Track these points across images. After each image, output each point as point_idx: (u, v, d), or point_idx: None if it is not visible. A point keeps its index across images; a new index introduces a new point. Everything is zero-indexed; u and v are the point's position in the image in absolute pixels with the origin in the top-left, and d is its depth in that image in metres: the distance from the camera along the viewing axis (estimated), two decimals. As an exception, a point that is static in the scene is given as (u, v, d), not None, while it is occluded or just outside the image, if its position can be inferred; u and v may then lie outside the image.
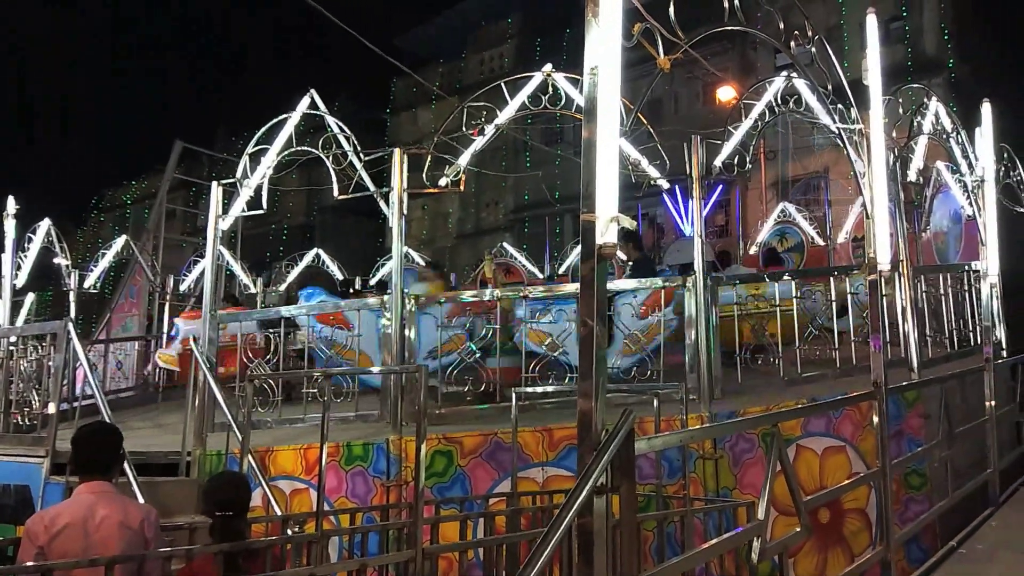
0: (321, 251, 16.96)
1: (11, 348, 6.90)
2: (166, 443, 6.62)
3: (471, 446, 5.90)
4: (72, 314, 10.46)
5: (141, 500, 4.34)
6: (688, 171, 6.26)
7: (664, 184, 6.69)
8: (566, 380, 6.48)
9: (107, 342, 11.74)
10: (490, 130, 6.72)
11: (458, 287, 13.73)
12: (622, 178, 2.90)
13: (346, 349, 6.94)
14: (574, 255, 17.07)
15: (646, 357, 6.50)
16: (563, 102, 6.89)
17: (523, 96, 6.70)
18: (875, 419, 3.91)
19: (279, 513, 5.23)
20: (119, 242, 12.84)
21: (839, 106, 4.28)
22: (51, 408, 5.71)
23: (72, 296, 11.23)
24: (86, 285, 11.90)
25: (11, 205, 9.03)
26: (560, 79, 6.76)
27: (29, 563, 2.87)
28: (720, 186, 20.87)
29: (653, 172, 6.52)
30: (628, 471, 2.18)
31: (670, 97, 23.74)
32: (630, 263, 8.55)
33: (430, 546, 3.51)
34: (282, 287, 16.01)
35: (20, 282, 9.69)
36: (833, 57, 4.03)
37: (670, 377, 6.23)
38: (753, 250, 14.90)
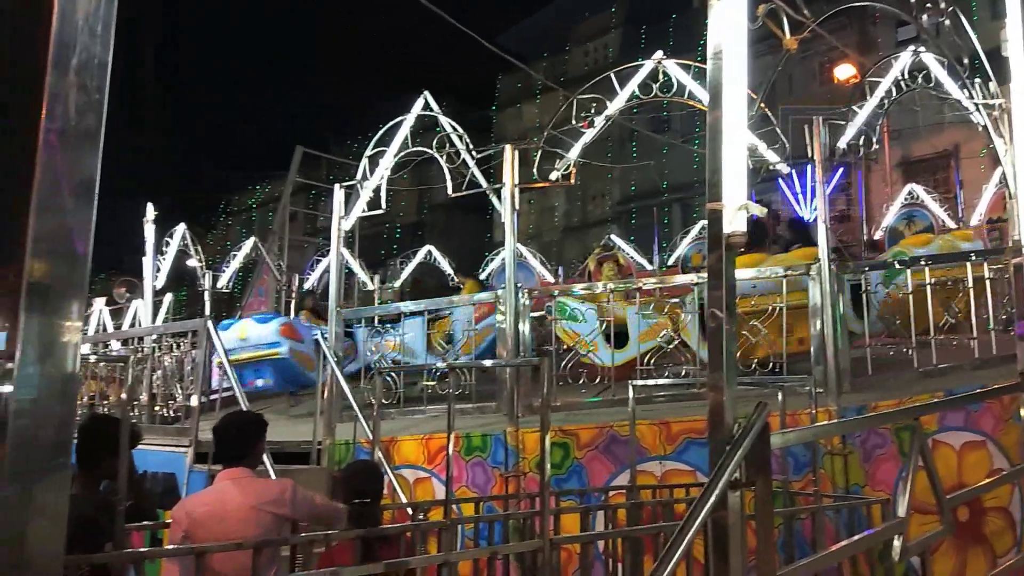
0: (433, 248, 17.35)
1: (155, 345, 7.44)
2: (297, 433, 6.97)
3: (587, 439, 5.91)
4: (207, 312, 11.16)
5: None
6: (809, 154, 6.02)
7: (784, 169, 6.46)
8: (682, 373, 6.39)
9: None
10: (600, 121, 6.69)
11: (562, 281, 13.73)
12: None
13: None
14: (683, 245, 16.72)
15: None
16: (674, 89, 6.78)
17: (633, 85, 6.63)
18: (1022, 412, 3.66)
19: (404, 501, 5.42)
20: (248, 244, 13.58)
21: (975, 80, 4.01)
22: (193, 401, 6.12)
23: (206, 296, 11.98)
24: (219, 285, 12.66)
25: (150, 212, 9.73)
26: (671, 66, 6.65)
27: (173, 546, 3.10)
28: (841, 168, 19.92)
29: (772, 157, 6.31)
30: (763, 466, 2.13)
31: (784, 77, 22.84)
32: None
33: (555, 536, 3.54)
34: (397, 283, 16.49)
35: (160, 283, 10.42)
36: (968, 27, 3.78)
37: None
38: (878, 234, 14.15)
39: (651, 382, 6.09)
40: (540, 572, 3.33)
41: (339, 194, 7.06)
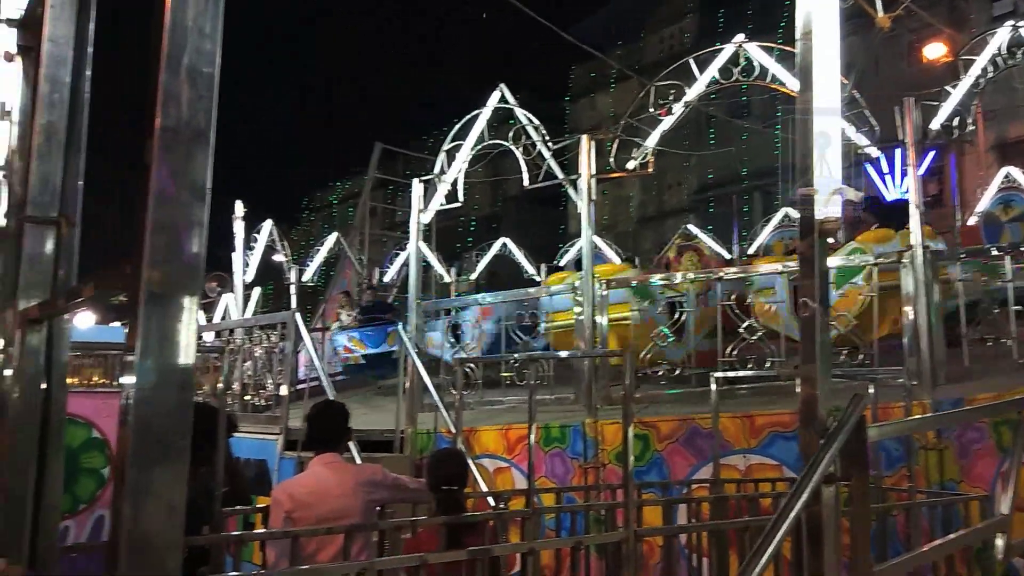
0: (508, 240, 17.42)
1: (246, 337, 7.73)
2: (380, 422, 7.13)
3: (668, 431, 5.84)
4: (293, 305, 11.52)
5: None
6: (900, 136, 5.77)
7: (873, 152, 6.21)
8: (766, 364, 6.23)
9: (323, 330, 12.81)
10: (679, 108, 6.57)
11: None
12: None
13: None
14: (765, 234, 16.29)
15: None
16: (756, 73, 6.60)
17: (713, 70, 6.48)
18: None
19: (484, 490, 5.48)
20: (331, 239, 13.94)
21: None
22: (283, 390, 6.34)
23: (292, 289, 12.36)
24: (304, 279, 13.04)
25: (239, 209, 10.11)
26: (753, 49, 6.47)
27: (277, 528, 3.22)
28: (933, 151, 18.99)
29: (861, 140, 6.07)
30: (859, 460, 2.06)
31: (870, 57, 21.92)
32: None
33: (639, 528, 3.52)
34: (472, 276, 16.64)
35: (249, 278, 10.81)
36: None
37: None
38: (972, 220, 13.45)
39: (733, 374, 5.97)
40: (624, 563, 3.32)
41: (418, 188, 7.15)
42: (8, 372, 2.13)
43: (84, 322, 10.67)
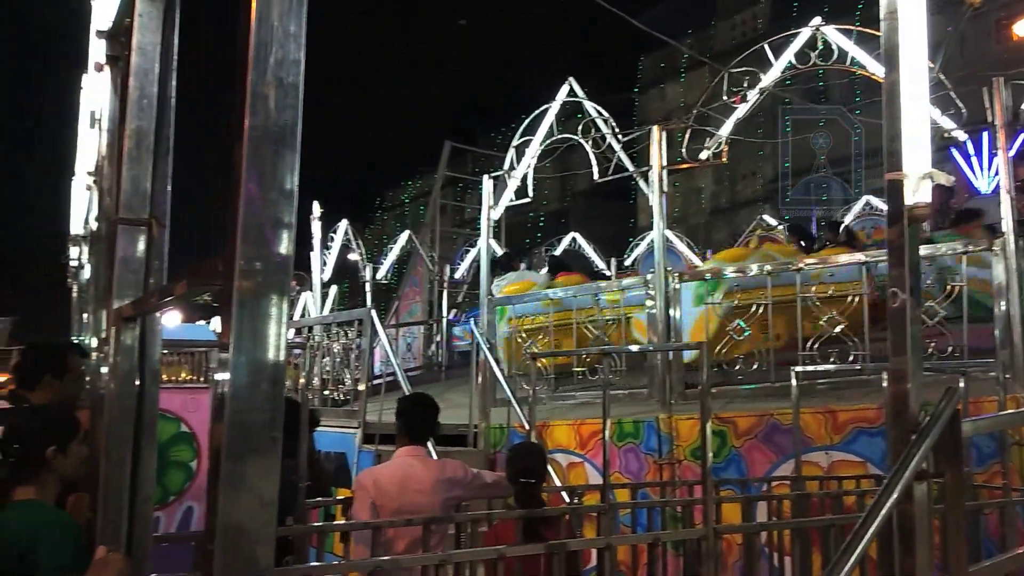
0: (577, 235, 17.35)
1: (324, 333, 7.93)
2: (453, 416, 7.21)
3: (745, 427, 5.71)
4: (368, 303, 11.76)
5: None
6: (988, 118, 5.48)
7: (960, 136, 5.93)
8: (849, 359, 6.02)
9: (397, 326, 13.03)
10: (753, 95, 6.40)
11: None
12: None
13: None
14: (847, 223, 15.76)
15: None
16: (835, 57, 6.37)
17: (789, 55, 6.29)
18: None
19: (558, 484, 5.48)
20: (403, 237, 14.17)
21: None
22: (360, 385, 6.47)
23: (367, 287, 12.61)
24: (378, 277, 13.29)
25: (316, 209, 10.36)
26: (831, 32, 6.25)
27: (362, 512, 3.28)
28: (1022, 133, 18.02)
29: (947, 123, 5.79)
30: (953, 456, 1.96)
31: (956, 36, 20.93)
32: None
33: (719, 525, 3.46)
34: (543, 271, 16.63)
35: (326, 276, 11.08)
36: None
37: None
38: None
39: (812, 368, 5.79)
40: (703, 561, 3.26)
41: (488, 185, 7.18)
42: (104, 369, 2.24)
43: (171, 321, 11.12)
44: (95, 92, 4.60)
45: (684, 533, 3.84)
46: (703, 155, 6.38)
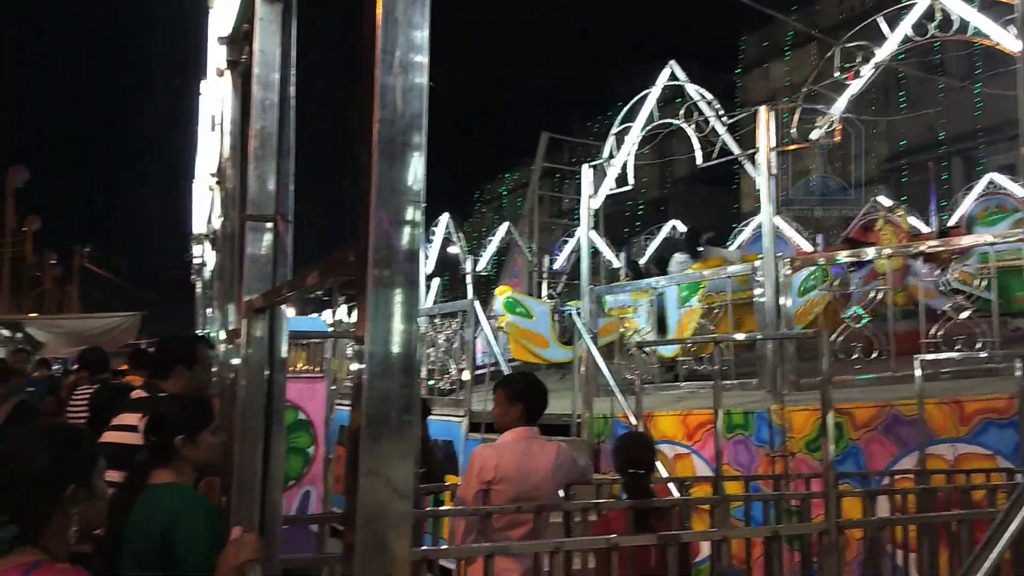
0: (678, 223, 17.01)
1: (429, 324, 8.10)
2: (555, 406, 7.21)
3: (864, 418, 5.46)
4: (470, 294, 11.94)
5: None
6: None
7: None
8: (976, 346, 5.67)
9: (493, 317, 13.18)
10: (867, 70, 6.09)
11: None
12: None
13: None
14: (968, 203, 14.80)
15: None
16: (955, 27, 5.98)
17: (906, 27, 5.94)
18: None
19: (664, 476, 5.40)
20: (502, 228, 14.29)
21: None
22: (465, 375, 6.58)
23: (468, 279, 12.80)
24: (478, 268, 13.47)
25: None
26: (950, 1, 5.86)
27: (471, 488, 3.29)
28: None
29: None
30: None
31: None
32: None
33: (840, 520, 3.32)
34: (642, 261, 16.42)
35: (429, 269, 11.32)
36: None
37: None
38: None
39: (937, 356, 5.48)
40: (824, 556, 3.14)
41: (587, 174, 7.14)
42: (235, 360, 2.35)
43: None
44: (214, 97, 4.85)
45: (805, 527, 3.71)
46: (814, 135, 6.12)
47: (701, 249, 8.84)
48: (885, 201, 16.39)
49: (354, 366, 0.96)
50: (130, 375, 5.40)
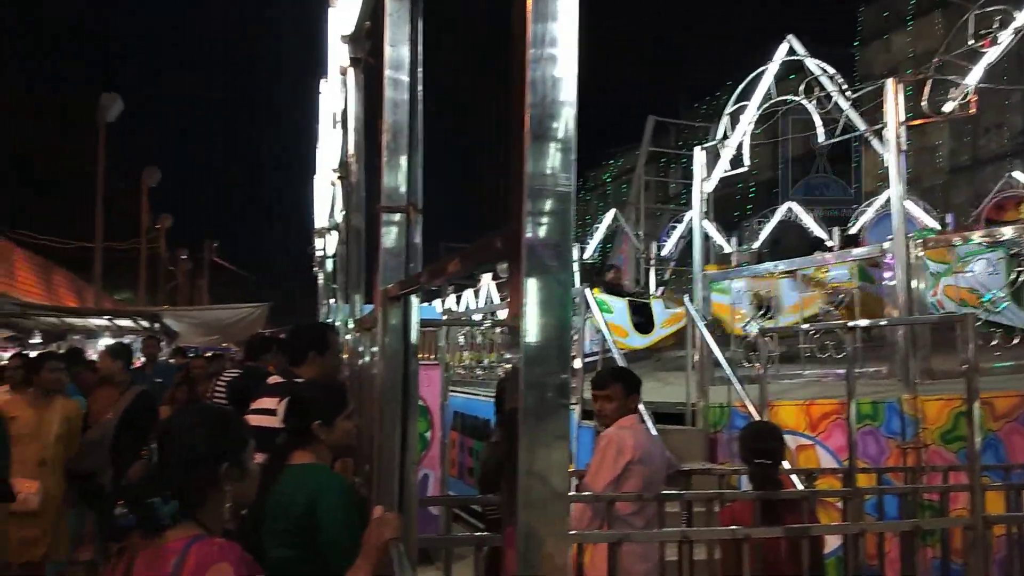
0: (794, 205, 16.38)
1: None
2: (668, 394, 7.12)
3: (1004, 408, 5.10)
4: (577, 282, 11.92)
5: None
6: None
7: None
8: None
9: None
10: (1006, 36, 5.65)
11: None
12: None
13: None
14: None
15: None
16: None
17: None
18: None
19: (787, 467, 5.24)
20: (608, 216, 14.20)
21: None
22: (577, 363, 6.58)
23: (576, 266, 12.78)
24: (584, 256, 13.43)
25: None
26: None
27: (609, 477, 3.31)
28: None
29: None
30: None
31: None
32: None
33: (989, 515, 3.12)
34: (755, 245, 15.92)
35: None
36: None
37: None
38: None
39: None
40: (969, 553, 2.97)
41: (700, 156, 6.97)
42: (363, 348, 2.45)
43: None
44: (335, 94, 5.04)
45: (949, 521, 3.52)
46: (947, 107, 5.74)
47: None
48: (1021, 177, 15.20)
49: (510, 349, 0.98)
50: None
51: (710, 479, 4.25)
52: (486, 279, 15.26)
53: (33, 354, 6.68)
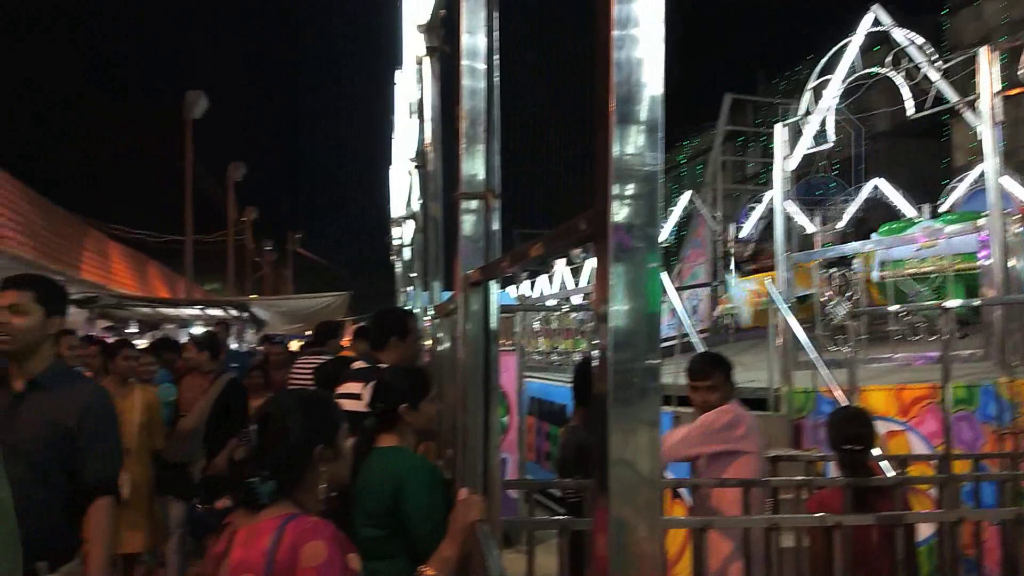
0: (881, 181, 15.71)
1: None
2: (749, 378, 6.95)
3: (1112, 392, 4.80)
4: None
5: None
6: None
7: None
8: None
9: (680, 289, 12.91)
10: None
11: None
12: None
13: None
14: None
15: None
16: None
17: None
18: None
19: (876, 453, 5.06)
20: (683, 198, 13.93)
21: None
22: (655, 347, 6.50)
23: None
24: (659, 240, 13.23)
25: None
26: None
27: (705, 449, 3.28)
28: None
29: None
30: None
31: None
32: None
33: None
34: (839, 224, 15.35)
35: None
36: None
37: None
38: None
39: None
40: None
41: (780, 133, 6.75)
42: (442, 333, 2.48)
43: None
44: (410, 84, 5.10)
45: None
46: (1050, 75, 5.39)
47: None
48: None
49: (598, 331, 0.98)
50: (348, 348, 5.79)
51: (796, 466, 4.14)
52: (560, 264, 15.22)
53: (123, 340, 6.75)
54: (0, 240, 14.06)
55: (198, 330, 11.54)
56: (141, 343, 7.69)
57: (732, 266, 12.67)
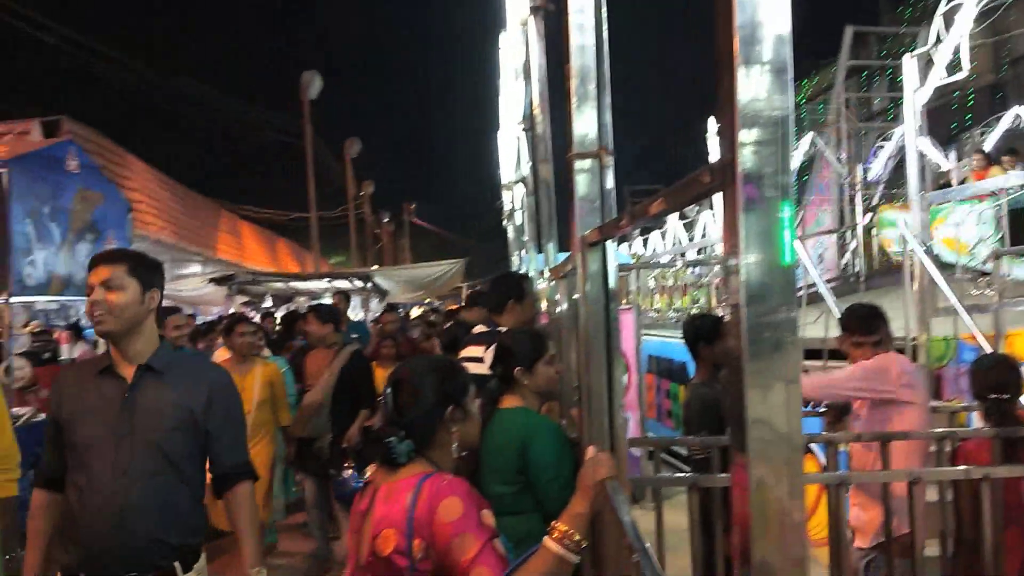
0: (1023, 110, 14.36)
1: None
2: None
3: None
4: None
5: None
6: None
7: None
8: None
9: (803, 238, 12.35)
10: None
11: None
12: None
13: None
14: None
15: None
16: None
17: None
18: None
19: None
20: (804, 141, 13.26)
21: None
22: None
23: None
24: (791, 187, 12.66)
25: (712, 125, 10.20)
26: None
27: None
28: None
29: None
30: None
31: None
32: None
33: None
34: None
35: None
36: None
37: None
38: None
39: None
40: None
41: (910, 64, 6.28)
42: (572, 295, 2.49)
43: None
44: (515, 46, 5.07)
45: None
46: None
47: None
48: None
49: (731, 283, 0.95)
50: (466, 313, 5.82)
51: (938, 417, 3.92)
52: (673, 219, 14.87)
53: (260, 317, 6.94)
54: (144, 226, 15.19)
55: (328, 302, 12.07)
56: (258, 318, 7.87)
57: (859, 209, 11.98)
